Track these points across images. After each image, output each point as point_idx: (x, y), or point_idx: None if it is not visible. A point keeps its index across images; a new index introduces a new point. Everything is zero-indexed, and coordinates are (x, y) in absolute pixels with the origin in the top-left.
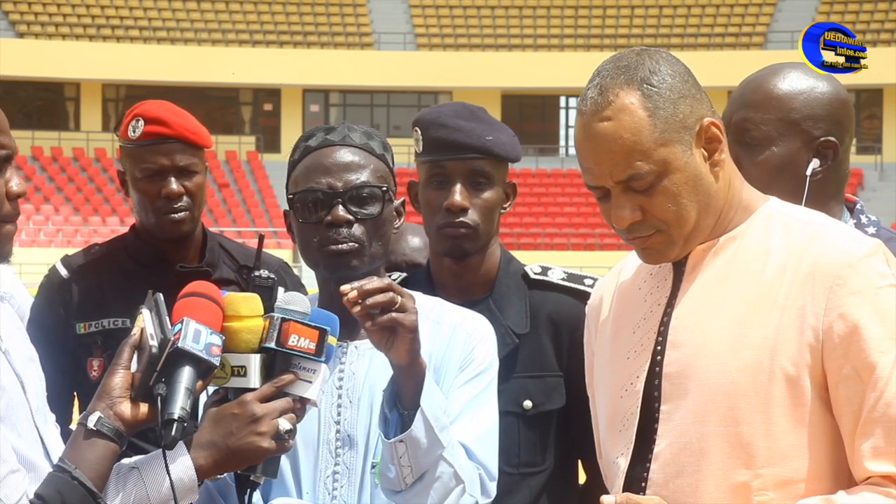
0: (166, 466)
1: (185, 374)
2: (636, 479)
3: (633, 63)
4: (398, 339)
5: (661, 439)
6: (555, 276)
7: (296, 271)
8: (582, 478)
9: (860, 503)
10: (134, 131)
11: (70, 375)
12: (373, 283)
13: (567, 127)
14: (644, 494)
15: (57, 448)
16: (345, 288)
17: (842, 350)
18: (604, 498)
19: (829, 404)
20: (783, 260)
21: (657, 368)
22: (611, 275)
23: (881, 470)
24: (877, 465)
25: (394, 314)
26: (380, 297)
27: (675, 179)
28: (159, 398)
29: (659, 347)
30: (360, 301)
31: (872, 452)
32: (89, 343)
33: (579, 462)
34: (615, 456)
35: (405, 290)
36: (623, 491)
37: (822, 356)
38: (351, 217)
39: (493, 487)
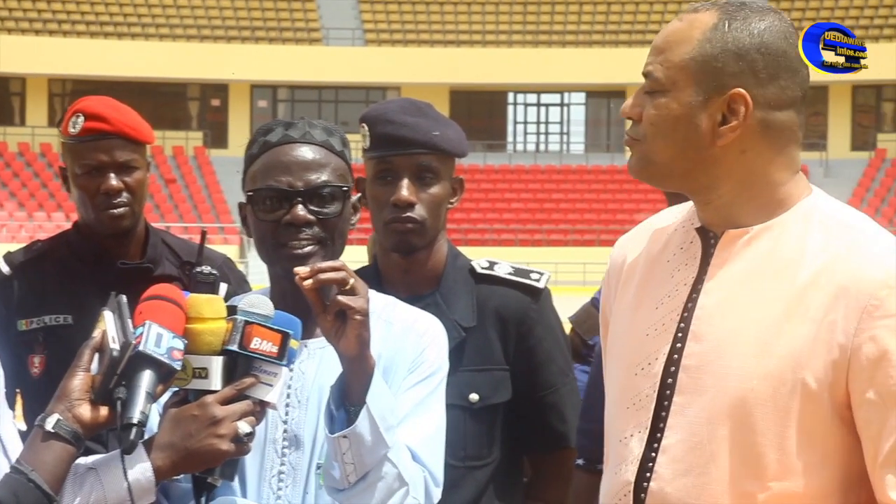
0: (124, 471)
1: (146, 378)
2: (642, 468)
3: (751, 4)
4: (348, 324)
5: (671, 432)
6: (502, 271)
7: (241, 267)
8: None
9: None
10: (74, 127)
11: (13, 373)
12: (326, 262)
13: (515, 123)
14: (649, 483)
15: (14, 445)
16: (298, 269)
17: (868, 373)
18: None
19: (850, 424)
20: (819, 266)
21: (676, 356)
22: (638, 233)
23: None
24: None
25: (344, 297)
26: (332, 275)
27: (669, 105)
28: (119, 402)
29: (680, 334)
30: (311, 277)
31: (895, 483)
32: (31, 340)
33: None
34: (622, 434)
35: (357, 276)
36: (635, 478)
37: (848, 376)
38: (311, 217)
39: (437, 493)
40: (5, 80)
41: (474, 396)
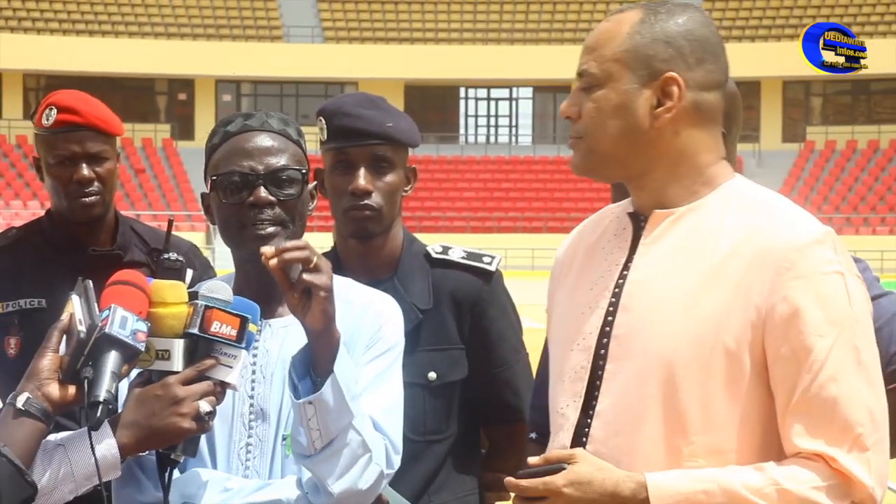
0: (91, 447)
1: (111, 359)
2: (578, 434)
3: (673, 2)
4: (313, 300)
5: (603, 397)
6: (455, 255)
7: (208, 253)
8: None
9: (788, 474)
10: (47, 119)
11: None
12: (291, 241)
13: (466, 116)
14: (585, 447)
15: None
16: (264, 248)
17: (782, 331)
18: (530, 459)
19: (767, 382)
20: (737, 238)
21: (608, 328)
22: (577, 231)
23: (810, 447)
24: (807, 442)
25: (308, 276)
26: (297, 253)
27: (607, 95)
28: (86, 381)
29: (611, 308)
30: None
31: (803, 430)
32: (6, 322)
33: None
34: (561, 405)
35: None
36: (571, 442)
37: (763, 335)
38: (273, 198)
39: (397, 460)
40: None
41: (432, 375)
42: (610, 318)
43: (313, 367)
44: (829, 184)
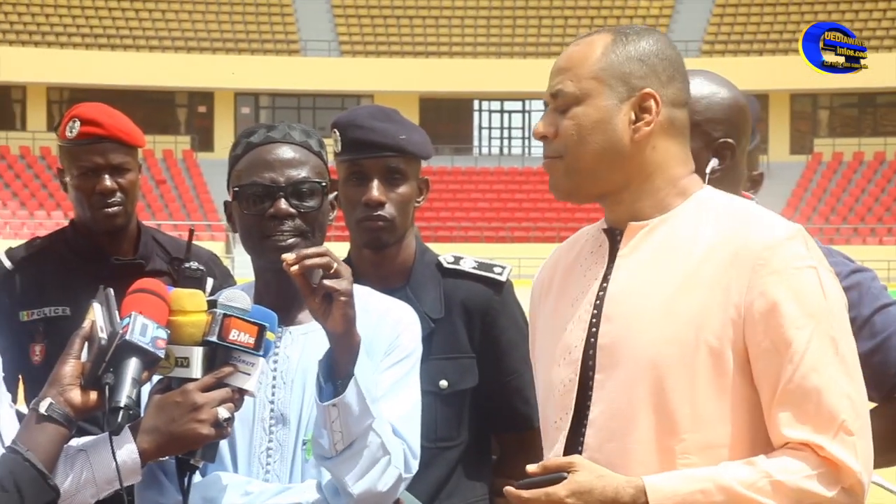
0: (112, 451)
1: (132, 365)
2: (573, 444)
3: (637, 26)
4: (334, 305)
5: (594, 406)
6: (466, 265)
7: (227, 262)
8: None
9: (779, 466)
10: (71, 132)
11: (15, 359)
12: (311, 248)
13: (480, 128)
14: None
15: (11, 428)
16: (285, 255)
17: (762, 326)
18: (529, 467)
19: (751, 376)
20: (712, 242)
21: (592, 339)
22: (555, 253)
23: (798, 437)
24: (793, 432)
25: (329, 281)
26: (317, 260)
27: (587, 111)
28: (107, 387)
29: (594, 320)
30: (298, 262)
31: (789, 421)
32: (32, 330)
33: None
34: (554, 419)
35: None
36: (564, 452)
37: (744, 331)
38: (293, 210)
39: (415, 464)
40: (7, 88)
41: (444, 383)
42: (594, 330)
43: (335, 370)
44: (837, 195)
